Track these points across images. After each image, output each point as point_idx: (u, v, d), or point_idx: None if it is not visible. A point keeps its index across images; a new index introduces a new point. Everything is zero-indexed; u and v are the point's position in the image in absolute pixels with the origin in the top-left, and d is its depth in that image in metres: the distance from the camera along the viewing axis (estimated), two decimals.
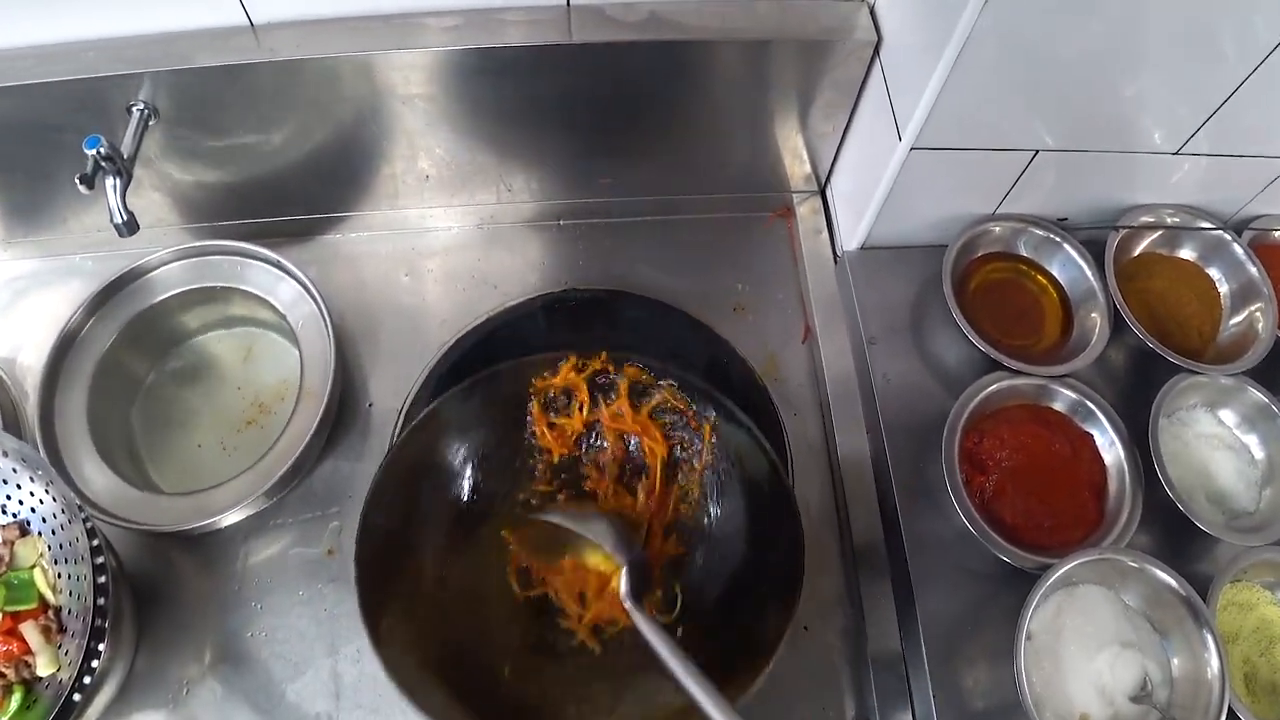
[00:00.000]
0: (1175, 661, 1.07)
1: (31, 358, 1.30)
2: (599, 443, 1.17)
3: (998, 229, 1.27)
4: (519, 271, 1.39)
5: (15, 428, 1.23)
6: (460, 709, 0.97)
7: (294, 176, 1.30)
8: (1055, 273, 1.28)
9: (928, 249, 1.29)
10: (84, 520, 1.00)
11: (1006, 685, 1.03)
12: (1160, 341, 1.19)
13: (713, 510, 1.14)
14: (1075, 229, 1.28)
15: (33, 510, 1.07)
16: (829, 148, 1.35)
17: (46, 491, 1.04)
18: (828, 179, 1.42)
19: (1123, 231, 1.26)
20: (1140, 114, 1.11)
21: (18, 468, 1.04)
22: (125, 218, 1.09)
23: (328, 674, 1.15)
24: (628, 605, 0.99)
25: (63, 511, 1.03)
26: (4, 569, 1.05)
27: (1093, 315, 1.24)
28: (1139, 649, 1.07)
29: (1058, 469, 1.16)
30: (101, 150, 1.06)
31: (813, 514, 1.24)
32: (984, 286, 1.28)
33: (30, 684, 1.03)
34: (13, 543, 1.06)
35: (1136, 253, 1.29)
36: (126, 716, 1.13)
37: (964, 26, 0.95)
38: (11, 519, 1.08)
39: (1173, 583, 1.06)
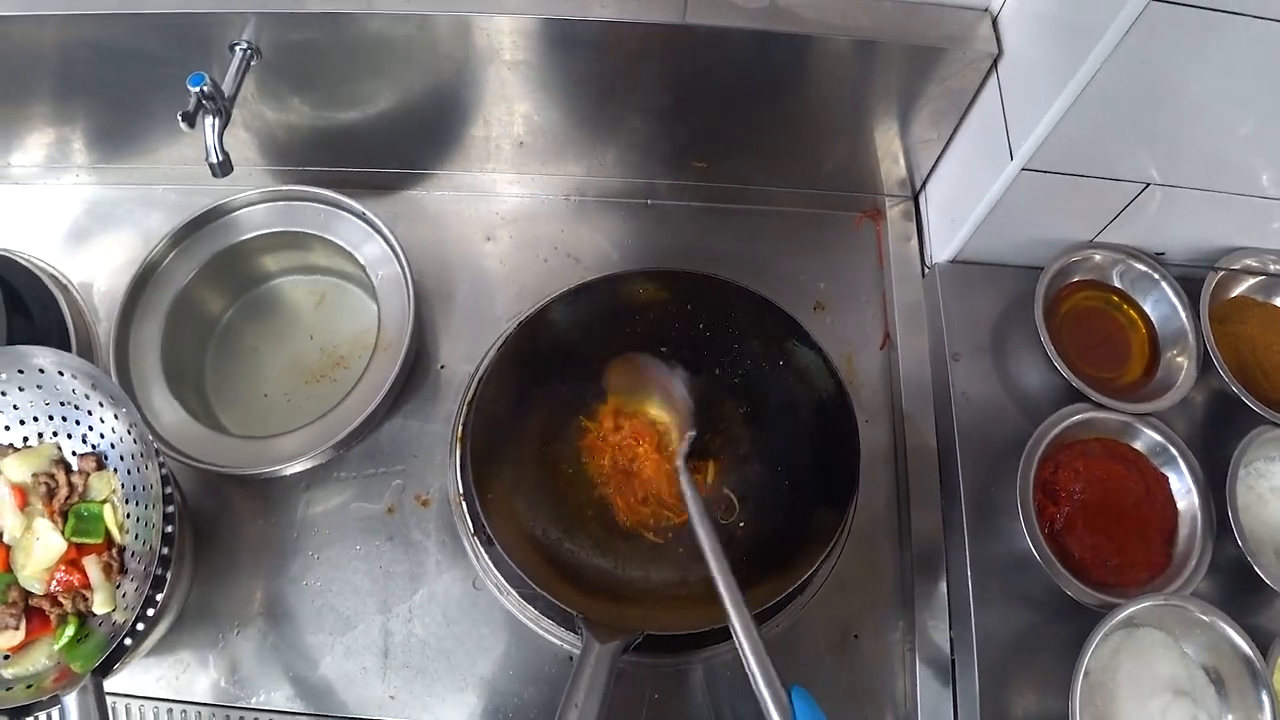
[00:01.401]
0: (1229, 717, 1.07)
1: (107, 285, 1.30)
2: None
3: (1097, 257, 1.25)
4: (601, 247, 1.38)
5: (88, 353, 1.24)
6: (550, 570, 1.10)
7: (386, 129, 1.29)
8: (1147, 309, 1.26)
9: (1019, 269, 1.27)
10: (160, 465, 0.99)
11: (1055, 717, 1.03)
12: (1246, 389, 1.17)
13: (779, 423, 1.24)
14: (1171, 265, 1.25)
15: (111, 446, 1.07)
16: (929, 155, 1.32)
17: (129, 431, 1.03)
18: (923, 186, 1.40)
19: (1221, 273, 1.23)
20: (1252, 155, 1.09)
21: (103, 402, 1.04)
22: (220, 158, 1.09)
23: (378, 631, 1.16)
24: (679, 465, 1.14)
25: (141, 453, 1.03)
26: (76, 499, 1.05)
27: (1180, 357, 1.22)
28: (1193, 699, 1.07)
29: (1130, 508, 1.15)
30: (205, 88, 1.06)
31: (876, 522, 1.24)
32: (1073, 314, 1.26)
33: (84, 617, 1.04)
34: (88, 474, 1.07)
35: (1232, 296, 1.27)
36: (177, 651, 1.15)
37: (1100, 53, 0.92)
38: (90, 450, 1.08)
39: (1236, 638, 1.05)
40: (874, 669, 1.17)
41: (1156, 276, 1.24)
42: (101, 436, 1.07)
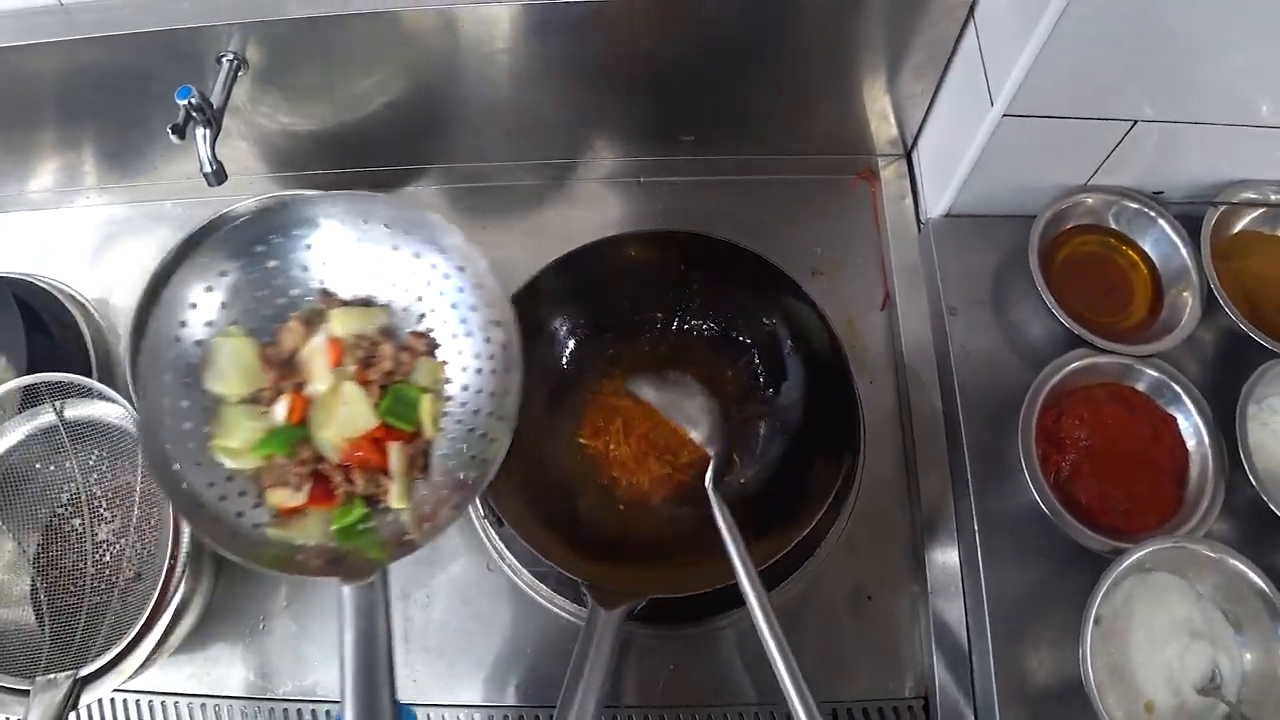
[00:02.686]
0: (1248, 656, 1.05)
1: (123, 300, 1.34)
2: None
3: (1090, 200, 1.23)
4: (598, 228, 1.36)
5: (108, 367, 1.28)
6: (556, 539, 1.10)
7: (378, 128, 1.31)
8: (1147, 249, 1.24)
9: (1014, 219, 1.24)
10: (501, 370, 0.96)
11: (1070, 668, 1.02)
12: (1256, 325, 1.14)
13: (776, 382, 1.24)
14: (1171, 203, 1.23)
15: (453, 336, 0.98)
16: (917, 110, 1.31)
17: (488, 337, 0.97)
18: (914, 143, 1.38)
19: (1222, 208, 1.20)
20: (1250, 84, 1.06)
21: (467, 287, 0.97)
22: (214, 167, 1.12)
23: (399, 617, 1.18)
24: (710, 492, 1.06)
25: (493, 356, 0.96)
26: (399, 378, 0.96)
27: (1184, 294, 1.19)
28: (1210, 641, 1.05)
29: (1137, 452, 1.13)
30: (193, 100, 1.08)
31: (883, 484, 1.24)
32: (1071, 260, 1.24)
33: (371, 504, 0.95)
34: (417, 354, 0.98)
35: (1235, 230, 1.24)
36: (207, 645, 1.19)
37: None
38: (425, 331, 0.99)
39: (1250, 575, 1.03)
40: (890, 629, 1.17)
41: (1153, 215, 1.22)
42: (444, 322, 0.99)
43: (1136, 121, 1.10)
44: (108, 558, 1.16)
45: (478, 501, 1.22)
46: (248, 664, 1.17)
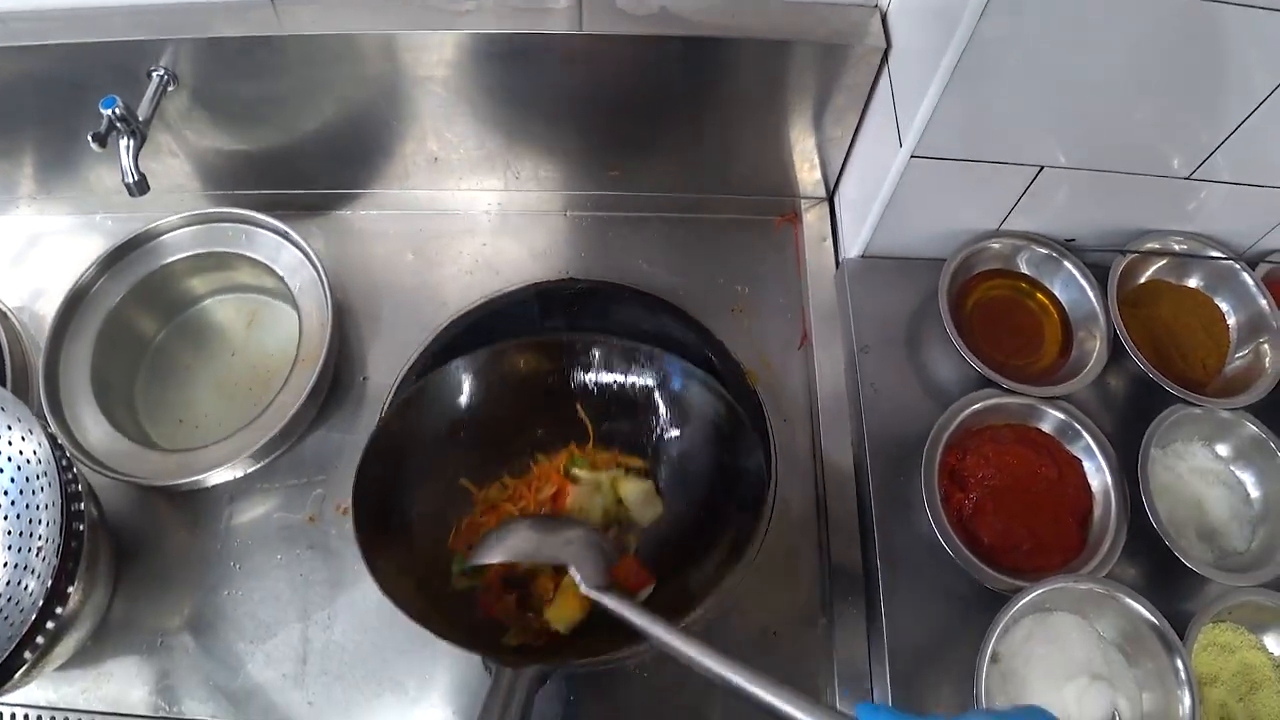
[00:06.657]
0: (1146, 697, 1.04)
1: (46, 308, 1.34)
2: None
3: (998, 245, 1.25)
4: (521, 259, 1.40)
5: (23, 374, 1.28)
6: (446, 623, 1.03)
7: (308, 151, 1.33)
8: (1057, 292, 1.26)
9: (930, 262, 1.26)
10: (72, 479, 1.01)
11: (970, 708, 1.01)
12: (1162, 371, 1.15)
13: (683, 426, 1.18)
14: (1083, 250, 1.25)
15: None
16: (838, 154, 1.34)
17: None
18: (836, 186, 1.41)
19: (1130, 256, 1.23)
20: (1157, 136, 1.09)
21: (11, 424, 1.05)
22: (136, 178, 1.13)
23: (298, 638, 1.16)
24: (591, 594, 0.99)
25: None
26: None
27: (1092, 339, 1.21)
28: (1109, 682, 1.04)
29: (1042, 492, 1.13)
30: (117, 111, 1.10)
31: (794, 523, 1.23)
32: (983, 303, 1.26)
33: None
34: None
35: (1143, 279, 1.26)
36: (100, 662, 1.16)
37: (962, 34, 0.94)
38: None
39: (1148, 615, 1.03)
40: (794, 667, 1.15)
41: (1062, 260, 1.24)
42: None
43: (1044, 167, 1.13)
44: None
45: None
46: (144, 680, 1.15)
